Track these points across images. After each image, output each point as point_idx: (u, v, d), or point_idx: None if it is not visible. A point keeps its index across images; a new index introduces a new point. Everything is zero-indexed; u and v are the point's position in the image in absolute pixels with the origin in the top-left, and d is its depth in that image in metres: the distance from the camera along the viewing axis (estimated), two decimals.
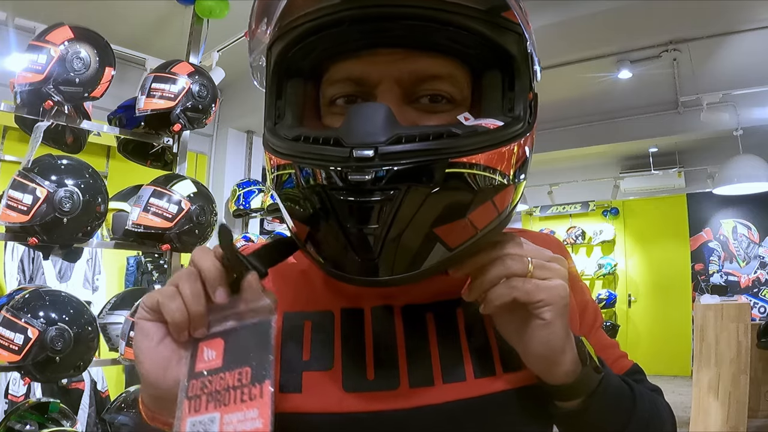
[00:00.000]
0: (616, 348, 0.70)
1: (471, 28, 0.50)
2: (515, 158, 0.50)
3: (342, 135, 0.46)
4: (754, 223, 6.50)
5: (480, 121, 0.50)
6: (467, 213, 0.47)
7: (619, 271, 7.45)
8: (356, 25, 0.50)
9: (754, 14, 3.48)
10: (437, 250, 0.47)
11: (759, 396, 4.24)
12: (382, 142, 0.44)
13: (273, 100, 0.56)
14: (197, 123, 2.24)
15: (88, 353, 1.89)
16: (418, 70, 0.52)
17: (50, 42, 1.94)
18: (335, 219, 0.46)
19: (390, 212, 0.44)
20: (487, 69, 0.53)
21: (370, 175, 0.43)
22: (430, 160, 0.45)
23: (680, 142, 5.91)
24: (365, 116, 0.46)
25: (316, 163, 0.46)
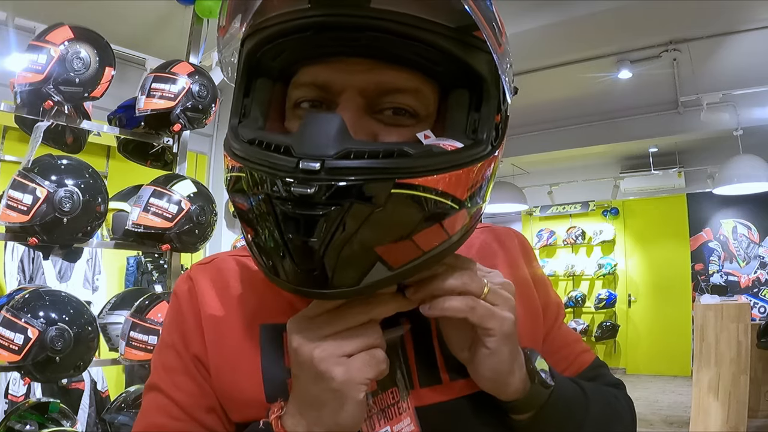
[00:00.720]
0: (579, 343, 0.72)
1: (439, 45, 0.49)
2: (471, 182, 0.49)
3: (293, 144, 0.45)
4: (754, 223, 6.50)
5: (439, 141, 0.50)
6: (411, 235, 0.46)
7: (619, 271, 7.45)
8: (325, 32, 0.49)
9: (754, 14, 3.49)
10: (378, 269, 0.47)
11: (759, 396, 4.24)
12: (330, 156, 0.43)
13: (240, 98, 0.56)
14: (197, 123, 2.24)
15: (88, 353, 1.89)
16: (383, 82, 0.51)
17: (50, 42, 1.94)
18: (277, 227, 0.45)
19: (330, 227, 0.44)
20: (455, 87, 0.52)
21: (314, 188, 0.43)
22: (376, 178, 0.44)
23: (680, 142, 5.92)
24: (318, 127, 0.45)
25: (263, 170, 0.46)
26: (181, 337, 0.61)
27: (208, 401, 0.59)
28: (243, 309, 0.61)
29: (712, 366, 3.81)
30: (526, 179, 7.10)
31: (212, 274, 0.64)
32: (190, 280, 0.64)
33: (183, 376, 0.60)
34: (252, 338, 0.59)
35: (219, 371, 0.59)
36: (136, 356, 1.96)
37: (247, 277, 0.63)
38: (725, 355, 3.78)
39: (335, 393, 0.47)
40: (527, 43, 3.34)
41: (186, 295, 0.63)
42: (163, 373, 0.61)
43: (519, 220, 8.29)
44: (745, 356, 3.73)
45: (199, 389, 0.59)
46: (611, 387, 0.69)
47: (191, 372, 0.60)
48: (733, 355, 3.76)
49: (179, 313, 0.63)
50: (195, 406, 0.59)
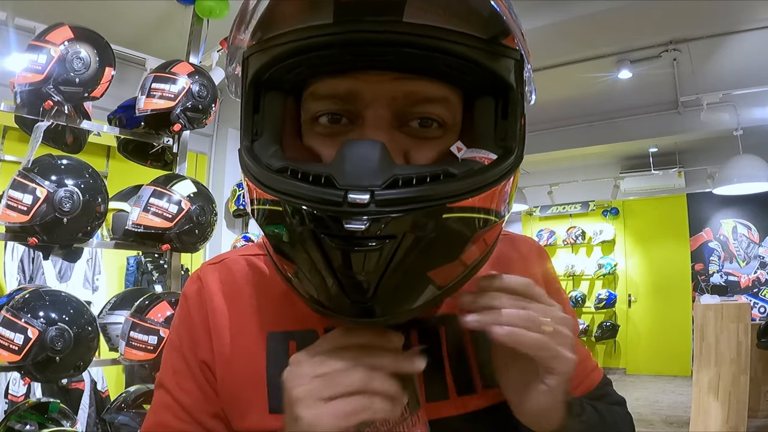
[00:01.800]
0: (589, 359, 0.72)
1: (471, 58, 0.47)
2: (507, 193, 0.49)
3: (334, 174, 0.43)
4: (754, 223, 6.50)
5: (473, 153, 0.49)
6: (460, 255, 0.46)
7: (619, 271, 7.45)
8: (348, 48, 0.47)
9: (754, 14, 3.49)
10: (428, 291, 0.47)
11: (759, 396, 4.24)
12: (378, 186, 0.42)
13: (250, 115, 0.53)
14: (197, 123, 2.24)
15: (88, 353, 1.89)
16: (413, 92, 0.49)
17: (50, 42, 1.94)
18: (326, 264, 0.44)
19: (384, 260, 0.42)
20: (481, 95, 0.51)
21: (366, 223, 0.41)
22: (428, 206, 0.43)
23: (680, 142, 5.92)
24: (359, 153, 0.43)
25: (307, 204, 0.43)
26: (190, 341, 0.61)
27: (212, 407, 0.59)
28: (252, 315, 0.60)
29: (712, 366, 3.81)
30: (526, 179, 7.09)
31: (222, 275, 0.63)
32: (200, 281, 0.63)
33: (188, 380, 0.60)
34: (259, 346, 0.58)
35: (224, 377, 0.58)
36: (136, 356, 1.96)
37: (258, 281, 0.62)
38: (725, 355, 3.78)
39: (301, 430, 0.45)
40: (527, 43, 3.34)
41: (195, 296, 0.62)
42: (170, 373, 0.61)
43: (519, 220, 8.29)
44: (745, 356, 3.73)
45: (203, 395, 0.59)
46: (618, 405, 0.69)
47: (197, 377, 0.59)
48: (733, 355, 3.76)
49: (188, 316, 0.62)
50: (198, 410, 0.59)
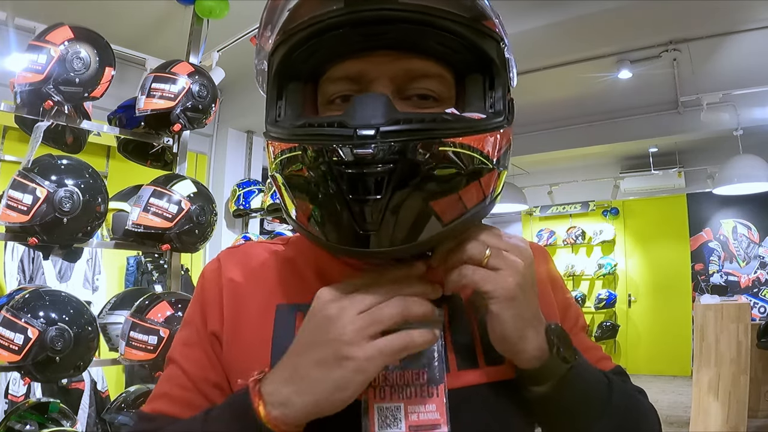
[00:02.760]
0: (598, 350, 0.74)
1: (458, 32, 0.55)
2: (498, 146, 0.55)
3: (346, 119, 0.50)
4: (754, 223, 6.50)
5: (465, 114, 0.56)
6: (458, 189, 0.51)
7: (619, 271, 7.45)
8: (356, 28, 0.55)
9: (754, 14, 3.48)
10: (432, 224, 0.51)
11: (759, 396, 4.24)
12: (383, 123, 0.49)
13: (274, 101, 0.60)
14: (197, 123, 2.24)
15: (88, 353, 1.88)
16: (411, 69, 0.58)
17: (50, 42, 1.93)
18: (339, 192, 0.49)
19: (390, 184, 0.48)
20: (470, 72, 0.59)
21: (373, 148, 0.47)
22: (425, 138, 0.49)
23: (680, 142, 5.92)
24: (367, 103, 0.51)
25: (324, 140, 0.50)
26: (201, 314, 0.65)
27: (216, 377, 0.62)
28: (263, 288, 0.64)
29: (712, 366, 3.81)
30: (526, 179, 7.09)
31: (240, 257, 0.68)
32: (218, 262, 0.69)
33: (197, 350, 0.63)
34: (267, 316, 0.62)
35: (230, 345, 0.62)
36: (136, 356, 1.96)
37: (273, 261, 0.67)
38: (725, 355, 3.78)
39: (347, 374, 0.48)
40: (527, 43, 3.33)
41: (212, 274, 0.67)
42: (180, 346, 0.65)
43: (519, 220, 8.29)
44: (745, 356, 3.73)
45: (209, 362, 0.62)
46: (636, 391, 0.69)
47: (204, 346, 0.63)
48: (733, 355, 3.76)
49: (203, 291, 0.67)
50: (202, 378, 0.62)
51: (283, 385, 0.50)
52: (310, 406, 0.49)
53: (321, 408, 0.49)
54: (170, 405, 0.62)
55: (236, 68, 3.61)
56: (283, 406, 0.49)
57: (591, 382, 0.60)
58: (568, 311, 0.71)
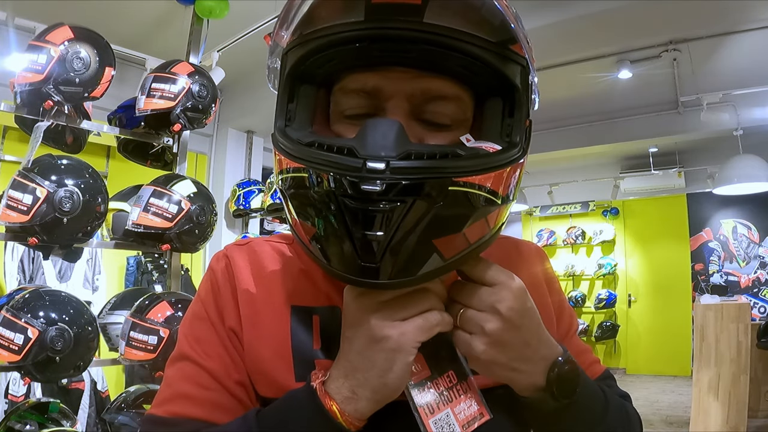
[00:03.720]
0: (589, 353, 0.75)
1: (481, 57, 0.53)
2: (509, 181, 0.54)
3: (356, 146, 0.49)
4: (754, 223, 6.50)
5: (480, 143, 0.54)
6: (463, 228, 0.51)
7: (619, 271, 7.45)
8: (377, 44, 0.53)
9: (754, 14, 3.48)
10: (433, 260, 0.51)
11: (759, 396, 4.24)
12: (394, 157, 0.48)
13: (285, 103, 0.59)
14: (197, 123, 2.24)
15: (88, 353, 1.88)
16: (429, 89, 0.56)
17: (50, 42, 1.93)
18: (343, 224, 0.49)
19: (395, 221, 0.48)
20: (490, 95, 0.57)
21: (381, 186, 0.46)
22: (436, 177, 0.48)
23: (680, 142, 5.91)
24: (379, 130, 0.50)
25: (330, 170, 0.49)
26: (217, 310, 0.63)
27: (239, 374, 0.60)
28: (276, 289, 0.63)
29: (712, 366, 3.81)
30: (526, 179, 7.08)
31: (248, 255, 0.67)
32: (226, 258, 0.67)
33: (216, 346, 0.61)
34: (283, 318, 0.61)
35: (251, 345, 0.61)
36: (136, 356, 1.96)
37: (282, 261, 0.66)
38: (725, 355, 3.78)
39: (388, 354, 0.51)
40: None
41: (223, 270, 0.65)
42: (194, 343, 0.62)
43: (519, 220, 8.29)
44: (745, 356, 3.73)
45: (231, 361, 0.61)
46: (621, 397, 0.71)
47: (225, 343, 0.61)
48: (733, 355, 3.76)
49: (215, 287, 0.65)
50: (226, 376, 0.60)
51: (343, 382, 0.52)
52: (371, 393, 0.51)
53: (380, 394, 0.51)
54: (193, 407, 0.58)
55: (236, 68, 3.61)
56: (353, 401, 0.51)
57: (590, 406, 0.61)
58: (562, 314, 0.73)
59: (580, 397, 0.58)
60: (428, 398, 0.56)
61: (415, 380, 0.56)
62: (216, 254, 0.69)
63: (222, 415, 0.58)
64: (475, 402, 0.57)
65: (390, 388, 0.51)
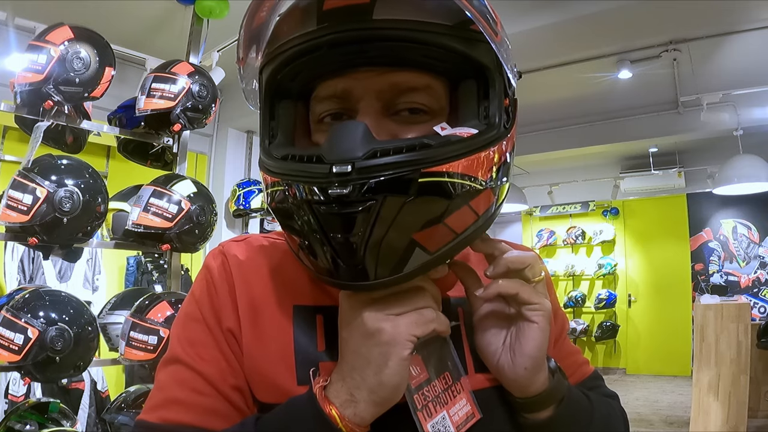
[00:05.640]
0: (578, 354, 0.77)
1: (442, 44, 0.52)
2: (492, 163, 0.52)
3: (323, 152, 0.49)
4: (754, 223, 6.50)
5: (456, 130, 0.53)
6: (443, 219, 0.50)
7: (619, 271, 7.45)
8: (335, 48, 0.53)
9: (754, 14, 3.48)
10: (417, 255, 0.50)
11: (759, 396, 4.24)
12: (359, 157, 0.47)
13: (267, 121, 0.60)
14: (197, 123, 2.24)
15: (88, 353, 1.89)
16: (397, 84, 0.55)
17: (50, 42, 1.93)
18: (321, 229, 0.49)
19: (369, 221, 0.47)
20: (462, 79, 0.56)
21: (349, 188, 0.46)
22: (404, 171, 0.47)
23: (680, 142, 5.92)
24: (344, 134, 0.50)
25: (301, 179, 0.50)
26: (213, 310, 0.60)
27: (236, 379, 0.58)
28: (276, 288, 0.62)
29: (712, 366, 3.81)
30: (526, 179, 7.10)
31: (246, 251, 0.65)
32: (223, 255, 0.64)
33: (212, 350, 0.59)
34: (285, 318, 0.60)
35: (251, 348, 0.58)
36: (136, 356, 1.96)
37: (280, 259, 0.65)
38: (725, 355, 3.78)
39: (382, 348, 0.50)
40: (527, 43, 3.33)
41: (219, 269, 0.63)
42: (187, 346, 0.59)
43: (519, 220, 8.29)
44: (745, 356, 3.73)
45: (228, 365, 0.58)
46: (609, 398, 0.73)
47: (222, 347, 0.59)
48: (733, 355, 3.76)
49: (211, 287, 0.62)
50: (222, 380, 0.57)
51: (341, 385, 0.51)
52: (368, 393, 0.50)
53: (378, 395, 0.51)
54: (187, 413, 0.56)
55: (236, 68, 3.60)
56: (352, 405, 0.51)
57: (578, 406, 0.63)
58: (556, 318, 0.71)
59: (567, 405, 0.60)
60: (427, 402, 0.56)
61: (415, 384, 0.56)
62: (212, 251, 0.67)
63: (217, 422, 0.55)
64: (467, 402, 0.58)
65: (387, 387, 0.50)
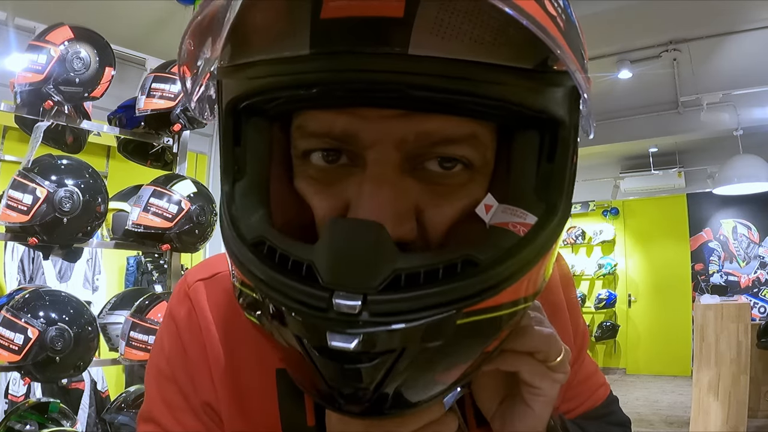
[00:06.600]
0: (596, 376, 0.67)
1: (509, 100, 0.35)
2: (546, 267, 0.38)
3: (318, 264, 0.34)
4: (754, 223, 6.50)
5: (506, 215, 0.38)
6: (476, 356, 0.38)
7: (619, 271, 7.46)
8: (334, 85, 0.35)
9: (754, 14, 3.49)
10: (437, 388, 0.39)
11: (759, 396, 4.25)
12: (374, 287, 0.33)
13: (230, 148, 0.41)
14: (197, 123, 2.25)
15: (88, 353, 1.89)
16: (427, 133, 0.37)
17: (50, 42, 1.94)
18: (316, 372, 0.35)
19: (379, 372, 0.34)
20: (521, 128, 0.39)
21: (355, 341, 0.32)
22: (438, 315, 0.33)
23: (680, 142, 5.92)
24: (350, 242, 0.34)
25: (285, 303, 0.34)
26: (188, 376, 0.52)
27: None
28: (255, 347, 0.51)
29: (712, 366, 3.81)
30: None
31: (217, 296, 0.54)
32: (189, 301, 0.54)
33: (189, 415, 0.52)
34: (268, 385, 0.50)
35: (233, 420, 0.51)
36: (136, 356, 1.97)
37: None
38: (725, 355, 3.79)
39: None
40: None
41: (185, 322, 0.53)
42: (163, 407, 0.52)
43: None
44: (745, 356, 3.73)
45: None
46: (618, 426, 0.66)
47: (199, 415, 0.52)
48: (733, 355, 3.76)
49: (180, 347, 0.53)
50: None
51: None
52: None
53: None
54: None
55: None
56: None
57: None
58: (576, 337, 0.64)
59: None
60: None
61: None
62: (176, 291, 0.56)
63: None
64: None
65: None
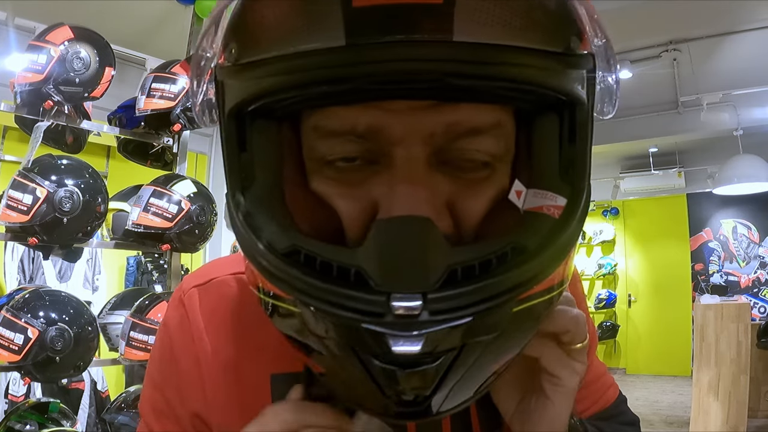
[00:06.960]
0: (604, 377, 0.67)
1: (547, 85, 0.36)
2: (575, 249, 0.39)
3: (368, 267, 0.32)
4: (754, 223, 6.50)
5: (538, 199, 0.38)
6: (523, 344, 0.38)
7: (619, 271, 7.46)
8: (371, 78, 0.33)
9: (754, 14, 3.49)
10: (487, 381, 0.38)
11: (759, 396, 4.25)
12: (431, 285, 0.32)
13: (235, 155, 0.39)
14: (197, 123, 2.24)
15: (88, 353, 1.89)
16: (457, 123, 0.37)
17: (50, 42, 1.94)
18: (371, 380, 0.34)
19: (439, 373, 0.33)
20: (540, 111, 0.39)
21: (420, 343, 0.31)
22: (497, 303, 0.33)
23: (680, 142, 5.92)
24: (403, 242, 0.33)
25: (336, 313, 0.32)
26: (176, 387, 0.52)
27: None
28: (249, 354, 0.50)
29: (712, 366, 3.81)
30: None
31: (211, 303, 0.53)
32: (183, 308, 0.53)
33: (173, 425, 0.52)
34: (262, 392, 0.49)
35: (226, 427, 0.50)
36: (136, 356, 1.97)
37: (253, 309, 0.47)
38: (725, 355, 3.79)
39: None
40: None
41: (178, 330, 0.52)
42: (152, 412, 0.53)
43: None
44: (745, 356, 3.73)
45: None
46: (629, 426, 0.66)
47: (185, 426, 0.52)
48: (733, 355, 3.76)
49: (172, 355, 0.52)
50: None
51: None
52: None
53: None
54: None
55: None
56: None
57: None
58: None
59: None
60: None
61: None
62: (173, 297, 0.55)
63: None
64: None
65: None
